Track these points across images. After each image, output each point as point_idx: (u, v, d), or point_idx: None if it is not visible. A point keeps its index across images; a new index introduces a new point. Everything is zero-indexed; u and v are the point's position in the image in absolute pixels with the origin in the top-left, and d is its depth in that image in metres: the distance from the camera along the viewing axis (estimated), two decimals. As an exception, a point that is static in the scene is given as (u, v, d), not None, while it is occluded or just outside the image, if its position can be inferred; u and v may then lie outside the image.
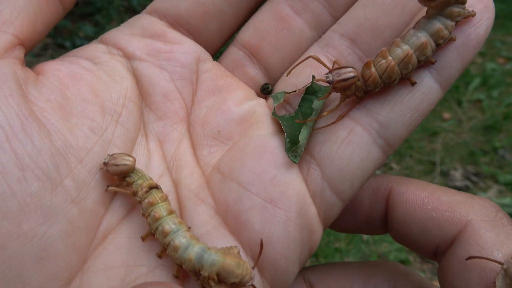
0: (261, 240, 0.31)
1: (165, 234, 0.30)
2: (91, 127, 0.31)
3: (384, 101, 0.35)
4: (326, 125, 0.36)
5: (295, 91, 0.38)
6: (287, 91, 0.38)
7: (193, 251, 0.30)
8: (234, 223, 0.33)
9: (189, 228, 0.32)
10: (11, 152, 0.27)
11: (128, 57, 0.37)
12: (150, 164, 0.35)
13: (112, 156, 0.31)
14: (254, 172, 0.34)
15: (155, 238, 0.32)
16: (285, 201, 0.33)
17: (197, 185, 0.35)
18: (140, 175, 0.32)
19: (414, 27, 0.34)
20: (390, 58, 0.34)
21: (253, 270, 0.30)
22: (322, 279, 0.39)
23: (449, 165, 1.57)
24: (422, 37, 0.33)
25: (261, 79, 0.40)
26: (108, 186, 0.31)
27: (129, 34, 0.37)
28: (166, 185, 0.34)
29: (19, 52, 0.32)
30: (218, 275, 0.29)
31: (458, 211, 0.34)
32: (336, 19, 0.39)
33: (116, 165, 0.31)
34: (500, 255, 0.31)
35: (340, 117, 0.35)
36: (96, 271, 0.29)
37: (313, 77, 0.38)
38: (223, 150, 0.36)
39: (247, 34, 0.40)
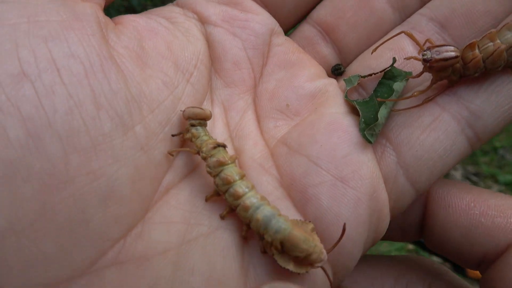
0: (344, 224, 0.29)
1: (237, 197, 0.29)
2: (164, 81, 0.31)
3: (479, 89, 0.32)
4: (408, 107, 0.33)
5: (371, 74, 0.35)
6: (362, 75, 0.36)
7: (262, 213, 0.29)
8: (299, 197, 0.32)
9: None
10: (89, 89, 0.27)
11: (203, 21, 0.37)
12: (214, 129, 0.34)
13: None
14: (326, 148, 0.33)
15: (217, 199, 0.31)
16: (357, 181, 0.32)
17: (261, 156, 0.34)
18: (206, 132, 0.32)
19: None
20: (499, 41, 0.31)
21: (328, 253, 0.29)
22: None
23: (449, 165, 1.57)
24: None
25: (332, 60, 0.39)
26: (169, 153, 0.31)
27: (206, 0, 0.37)
28: (228, 151, 0.33)
29: (101, 0, 0.32)
30: (282, 244, 0.28)
31: None
32: (423, 3, 0.37)
33: (194, 107, 0.31)
34: None
35: (426, 101, 0.33)
36: (157, 223, 0.29)
37: (394, 59, 0.35)
38: (290, 125, 0.35)
39: (323, 11, 0.39)
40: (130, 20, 0.33)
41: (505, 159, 1.56)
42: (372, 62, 0.36)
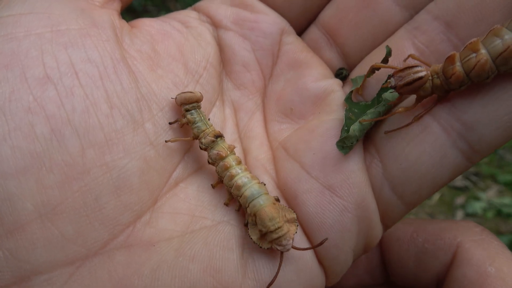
0: (325, 239, 0.30)
1: (231, 178, 0.32)
2: (174, 81, 0.33)
3: (474, 98, 0.30)
4: (397, 128, 0.31)
5: (374, 71, 0.34)
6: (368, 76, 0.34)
7: (249, 191, 0.31)
8: (291, 201, 0.33)
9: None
10: (103, 90, 0.29)
11: (216, 25, 0.38)
12: (225, 129, 0.36)
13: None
14: (318, 156, 0.33)
15: (222, 188, 0.33)
16: (345, 189, 0.32)
17: (264, 157, 0.35)
18: (202, 117, 0.33)
19: None
20: (482, 52, 0.27)
21: (299, 250, 0.30)
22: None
23: (448, 165, 1.57)
24: None
25: (337, 64, 0.38)
26: (166, 141, 0.32)
27: (219, 3, 0.39)
28: (236, 151, 0.35)
29: (117, 5, 0.34)
30: (255, 217, 0.30)
31: (447, 237, 0.35)
32: None
33: (184, 92, 0.33)
34: (493, 270, 0.32)
35: (416, 118, 0.31)
36: (165, 212, 0.31)
37: (388, 48, 0.33)
38: (293, 128, 0.36)
39: (327, 13, 0.38)
40: (145, 24, 0.35)
41: (504, 159, 1.56)
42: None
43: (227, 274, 0.29)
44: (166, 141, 0.32)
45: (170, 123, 0.32)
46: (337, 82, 0.37)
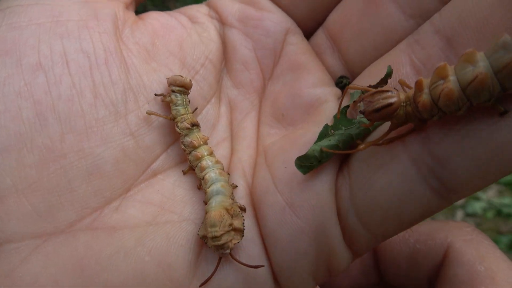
0: (261, 265, 0.30)
1: (202, 169, 0.33)
2: (167, 75, 0.34)
3: (450, 130, 0.26)
4: (354, 150, 0.28)
5: (370, 88, 0.29)
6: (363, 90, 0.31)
7: (212, 189, 0.32)
8: (257, 211, 0.32)
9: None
10: (90, 80, 0.31)
11: (222, 22, 0.38)
12: (217, 126, 0.36)
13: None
14: (288, 170, 0.31)
15: (196, 180, 0.34)
16: (305, 210, 0.30)
17: (247, 160, 0.35)
18: (184, 102, 0.34)
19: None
20: (450, 79, 0.24)
21: (236, 261, 0.30)
22: None
23: (449, 165, 1.57)
24: None
25: (339, 71, 0.37)
26: (148, 113, 0.33)
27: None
28: (225, 149, 0.36)
29: None
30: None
31: (438, 237, 0.35)
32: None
33: (176, 75, 0.33)
34: (483, 269, 0.32)
35: (386, 142, 0.27)
36: (136, 201, 0.32)
37: (389, 68, 0.30)
38: (281, 134, 0.35)
39: (332, 16, 0.37)
40: (150, 18, 0.36)
41: (505, 159, 1.56)
42: (374, 80, 0.31)
43: (179, 272, 0.30)
44: (147, 112, 0.33)
45: (156, 95, 0.33)
46: (333, 92, 0.35)
